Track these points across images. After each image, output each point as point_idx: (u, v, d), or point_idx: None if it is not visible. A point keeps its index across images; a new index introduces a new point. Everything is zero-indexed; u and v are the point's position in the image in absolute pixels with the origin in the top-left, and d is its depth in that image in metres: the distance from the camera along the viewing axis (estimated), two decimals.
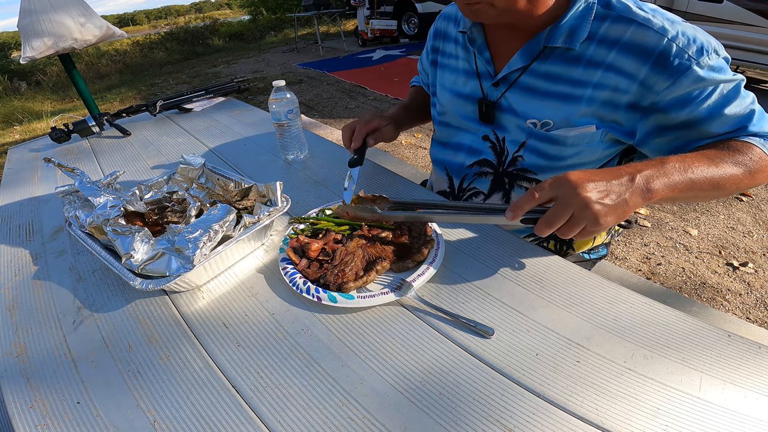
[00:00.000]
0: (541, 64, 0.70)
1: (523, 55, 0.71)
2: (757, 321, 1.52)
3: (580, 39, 0.65)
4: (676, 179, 0.55)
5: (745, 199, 2.25)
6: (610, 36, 0.64)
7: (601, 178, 0.52)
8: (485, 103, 0.78)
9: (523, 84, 0.73)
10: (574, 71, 0.68)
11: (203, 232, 0.61)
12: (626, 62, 0.63)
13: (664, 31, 0.61)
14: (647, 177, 0.54)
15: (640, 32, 0.62)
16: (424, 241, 0.64)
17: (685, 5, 3.75)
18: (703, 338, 0.49)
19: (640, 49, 0.62)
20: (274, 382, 0.49)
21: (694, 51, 0.61)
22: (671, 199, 0.58)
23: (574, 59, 0.67)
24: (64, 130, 1.28)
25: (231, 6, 60.23)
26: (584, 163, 0.74)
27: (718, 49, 0.62)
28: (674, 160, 0.57)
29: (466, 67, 0.81)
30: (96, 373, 0.53)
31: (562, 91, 0.69)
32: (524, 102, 0.73)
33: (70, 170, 0.80)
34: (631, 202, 0.52)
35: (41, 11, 2.01)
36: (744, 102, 0.64)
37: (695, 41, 0.61)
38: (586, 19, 0.65)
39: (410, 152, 3.04)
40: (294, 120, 0.96)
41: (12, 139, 4.51)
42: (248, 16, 15.13)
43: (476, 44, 0.77)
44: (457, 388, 0.46)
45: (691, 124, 0.64)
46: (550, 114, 0.71)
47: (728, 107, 0.62)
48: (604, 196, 0.51)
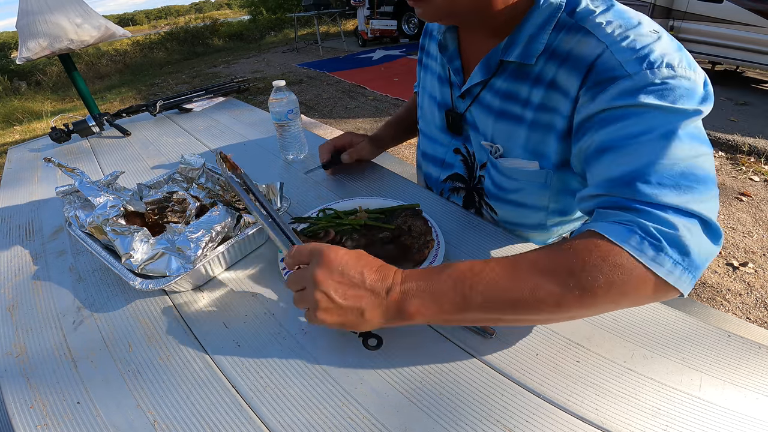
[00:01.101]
0: (497, 79, 0.62)
1: (482, 69, 0.62)
2: (757, 321, 1.52)
3: (535, 53, 0.55)
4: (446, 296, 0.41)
5: (745, 199, 2.25)
6: (561, 48, 0.53)
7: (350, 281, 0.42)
8: (452, 115, 0.72)
9: (483, 101, 0.65)
10: (522, 89, 0.58)
11: (205, 233, 0.61)
12: (565, 77, 0.52)
13: (607, 38, 0.48)
14: (406, 291, 0.42)
15: (584, 41, 0.51)
16: (425, 241, 0.64)
17: (685, 5, 3.76)
18: (703, 338, 0.49)
19: (577, 60, 0.51)
20: (274, 382, 0.49)
21: (630, 60, 0.46)
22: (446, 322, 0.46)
23: (525, 75, 0.58)
24: (64, 130, 1.28)
25: (231, 6, 60.23)
26: (529, 206, 0.66)
27: (674, 63, 0.44)
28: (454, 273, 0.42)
29: (440, 73, 0.75)
30: (96, 373, 0.53)
31: (512, 112, 0.61)
32: (483, 120, 0.67)
33: (70, 170, 0.79)
34: (368, 316, 0.42)
35: (38, 12, 2.01)
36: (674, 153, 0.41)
37: (642, 50, 0.45)
38: (545, 29, 0.54)
39: (410, 152, 3.04)
40: (294, 120, 0.96)
41: (12, 139, 4.52)
42: (248, 16, 15.13)
43: (448, 51, 0.69)
44: (457, 388, 0.46)
45: (590, 157, 0.48)
46: (499, 138, 0.64)
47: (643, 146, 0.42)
48: (341, 301, 0.42)
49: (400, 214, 0.71)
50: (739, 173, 2.53)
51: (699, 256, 0.39)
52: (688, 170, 0.41)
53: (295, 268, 0.48)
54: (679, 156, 0.41)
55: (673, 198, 0.40)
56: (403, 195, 0.83)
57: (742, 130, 2.96)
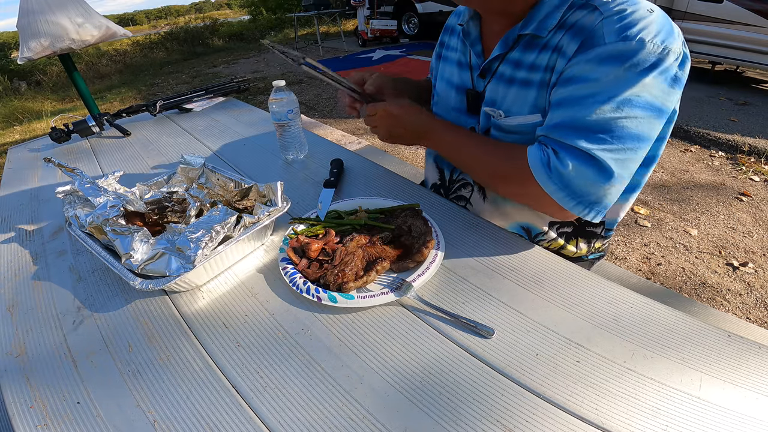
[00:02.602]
0: (513, 52, 0.70)
1: (502, 44, 0.71)
2: (757, 321, 1.52)
3: (549, 27, 0.64)
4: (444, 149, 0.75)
5: (745, 199, 2.25)
6: (569, 21, 0.63)
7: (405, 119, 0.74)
8: (471, 94, 0.79)
9: (500, 73, 0.73)
10: (530, 56, 0.67)
11: (205, 233, 0.61)
12: (567, 42, 0.62)
13: (606, 11, 0.58)
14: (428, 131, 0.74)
15: (590, 13, 0.60)
16: (425, 241, 0.64)
17: (685, 5, 3.76)
18: (703, 338, 0.49)
19: (580, 29, 0.60)
20: (274, 382, 0.49)
21: (612, 31, 0.55)
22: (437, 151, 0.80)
23: (537, 45, 0.67)
24: (64, 130, 1.28)
25: (231, 6, 60.19)
26: None
27: (658, 43, 0.53)
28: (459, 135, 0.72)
29: (461, 59, 0.83)
30: (96, 373, 0.53)
31: (519, 77, 0.69)
32: (500, 92, 0.74)
33: (70, 170, 0.80)
34: (406, 136, 0.76)
35: (39, 12, 2.01)
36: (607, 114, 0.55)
37: (626, 25, 0.55)
38: (560, 8, 0.64)
39: (410, 152, 3.04)
40: (294, 120, 0.96)
41: (12, 139, 4.51)
42: (248, 16, 15.12)
43: (470, 37, 0.78)
44: (457, 388, 0.46)
45: (551, 105, 0.62)
46: (508, 102, 0.71)
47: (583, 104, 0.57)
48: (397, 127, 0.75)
49: (400, 214, 0.71)
50: (739, 173, 2.53)
51: (579, 187, 0.58)
52: (607, 126, 0.56)
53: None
54: (606, 116, 0.56)
55: (582, 143, 0.57)
56: (403, 195, 0.83)
57: (742, 130, 2.95)
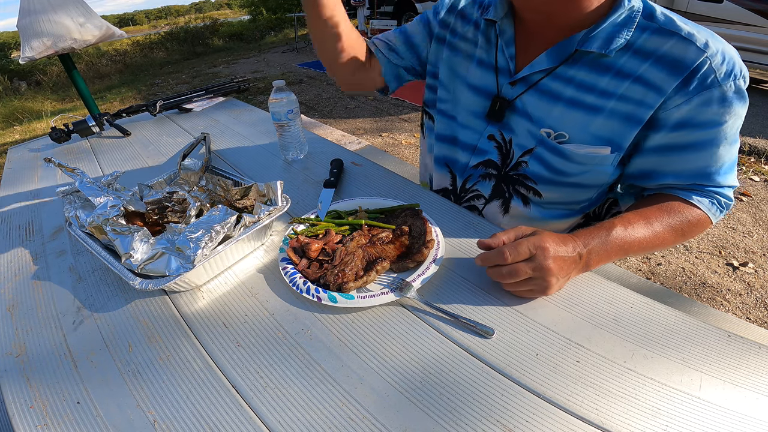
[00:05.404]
0: (569, 68, 0.66)
1: (551, 56, 0.67)
2: (757, 321, 1.52)
3: (616, 47, 0.62)
4: (612, 255, 0.60)
5: (745, 199, 2.25)
6: (647, 47, 0.61)
7: (565, 261, 0.55)
8: (500, 101, 0.74)
9: (544, 87, 0.69)
10: (601, 80, 0.64)
11: (205, 232, 0.61)
12: (657, 75, 0.60)
13: (705, 47, 0.58)
14: (590, 254, 0.58)
15: (681, 45, 0.59)
16: (425, 242, 0.64)
17: (685, 5, 3.75)
18: (703, 338, 0.49)
19: (676, 63, 0.59)
20: (274, 382, 0.49)
21: (722, 73, 0.57)
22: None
23: (604, 68, 0.64)
24: (64, 130, 1.28)
25: (231, 6, 60.23)
26: (587, 185, 0.72)
27: (746, 76, 0.59)
28: (618, 230, 0.60)
29: (483, 57, 0.76)
30: (96, 373, 0.53)
31: (586, 101, 0.65)
32: (542, 108, 0.69)
33: (70, 170, 0.79)
34: (572, 276, 0.58)
35: (40, 11, 2.01)
36: (733, 150, 0.63)
37: (728, 62, 0.58)
38: (627, 27, 0.61)
39: (410, 152, 3.04)
40: (294, 120, 0.96)
41: (12, 139, 4.51)
42: (248, 16, 15.12)
43: (505, 36, 0.72)
44: (457, 388, 0.46)
45: (672, 149, 0.63)
46: (568, 126, 0.67)
47: (719, 148, 0.62)
48: (563, 278, 0.56)
49: (400, 214, 0.72)
50: (739, 173, 2.53)
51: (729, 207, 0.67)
52: (732, 161, 0.65)
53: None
54: (732, 154, 0.64)
55: (727, 180, 0.65)
56: (403, 195, 0.83)
57: (742, 130, 2.91)
